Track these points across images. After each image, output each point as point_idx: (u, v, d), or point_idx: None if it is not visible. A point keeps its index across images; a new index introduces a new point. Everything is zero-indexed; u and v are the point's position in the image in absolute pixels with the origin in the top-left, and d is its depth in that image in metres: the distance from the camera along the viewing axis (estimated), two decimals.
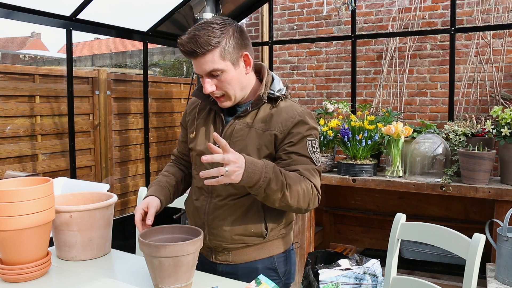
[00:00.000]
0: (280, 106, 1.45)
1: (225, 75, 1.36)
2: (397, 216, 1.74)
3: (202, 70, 1.35)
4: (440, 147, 2.68)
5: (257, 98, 1.43)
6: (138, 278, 1.45)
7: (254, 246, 1.47)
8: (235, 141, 1.41)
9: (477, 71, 3.99)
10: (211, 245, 1.49)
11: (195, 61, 1.36)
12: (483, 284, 2.26)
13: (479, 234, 1.46)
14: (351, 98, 3.63)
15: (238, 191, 1.42)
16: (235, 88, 1.39)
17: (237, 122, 1.44)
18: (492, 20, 3.90)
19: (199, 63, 1.34)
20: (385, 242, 1.81)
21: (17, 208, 1.33)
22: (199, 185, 1.48)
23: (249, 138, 1.41)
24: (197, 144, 1.49)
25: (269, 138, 1.40)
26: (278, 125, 1.41)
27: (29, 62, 9.59)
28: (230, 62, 1.36)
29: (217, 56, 1.33)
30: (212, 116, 1.50)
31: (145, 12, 3.51)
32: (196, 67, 1.36)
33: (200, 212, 1.49)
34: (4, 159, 3.26)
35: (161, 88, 4.68)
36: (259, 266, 1.49)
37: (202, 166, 1.45)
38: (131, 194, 4.37)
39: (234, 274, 1.48)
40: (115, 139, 4.17)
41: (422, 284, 1.59)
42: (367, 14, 4.45)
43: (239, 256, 1.48)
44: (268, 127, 1.41)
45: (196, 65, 1.36)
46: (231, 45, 1.35)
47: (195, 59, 1.35)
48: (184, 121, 1.61)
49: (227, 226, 1.43)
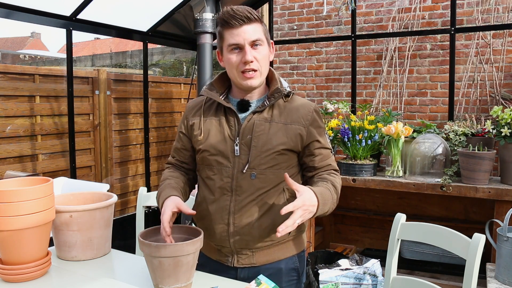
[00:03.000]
0: (294, 101, 1.48)
1: (263, 50, 1.41)
2: (397, 216, 1.74)
3: (249, 37, 1.37)
4: (440, 147, 2.68)
5: (274, 92, 1.45)
6: (138, 278, 1.45)
7: (279, 245, 1.48)
8: (258, 135, 1.41)
9: (477, 71, 3.99)
10: (235, 246, 1.45)
11: (241, 28, 1.37)
12: (483, 284, 2.26)
13: (479, 234, 1.46)
14: (351, 98, 3.63)
15: (265, 184, 1.42)
16: (265, 66, 1.44)
17: (255, 117, 1.44)
18: (492, 20, 3.89)
19: (246, 30, 1.37)
20: (385, 242, 1.81)
21: (17, 208, 1.33)
22: (219, 184, 1.44)
23: (272, 132, 1.42)
24: (210, 144, 1.45)
25: (294, 132, 1.43)
26: (300, 120, 1.44)
27: (29, 62, 9.59)
28: (266, 41, 1.44)
29: (261, 29, 1.41)
30: (222, 114, 1.48)
31: (145, 12, 3.51)
32: (242, 35, 1.37)
33: (223, 212, 1.43)
34: (4, 159, 3.26)
35: (161, 88, 4.68)
36: (282, 267, 1.48)
37: (219, 166, 1.44)
38: (131, 194, 4.37)
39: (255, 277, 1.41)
40: (115, 139, 4.17)
41: (422, 284, 1.59)
42: (367, 14, 4.45)
43: (264, 257, 1.47)
44: (289, 121, 1.44)
45: (241, 33, 1.37)
46: (266, 28, 1.45)
47: (242, 26, 1.37)
48: (185, 129, 1.55)
49: (256, 223, 1.41)
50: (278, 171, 1.42)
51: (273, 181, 1.41)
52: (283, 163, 1.44)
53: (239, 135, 1.43)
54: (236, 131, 1.43)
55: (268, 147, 1.40)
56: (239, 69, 1.40)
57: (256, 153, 1.41)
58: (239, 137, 1.42)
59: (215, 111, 1.49)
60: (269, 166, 1.41)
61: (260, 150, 1.41)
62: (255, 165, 1.41)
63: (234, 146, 1.42)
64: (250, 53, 1.38)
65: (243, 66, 1.39)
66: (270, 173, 1.42)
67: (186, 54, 5.55)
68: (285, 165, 1.44)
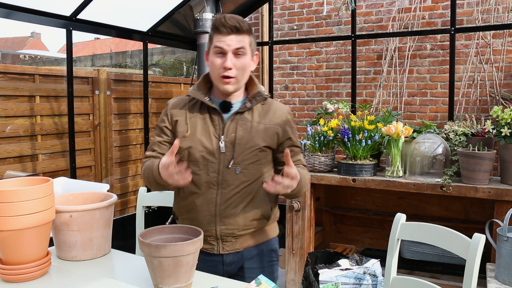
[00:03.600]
0: (269, 103, 1.65)
1: (244, 59, 1.54)
2: (397, 216, 1.74)
3: (233, 45, 1.51)
4: (440, 147, 2.68)
5: (256, 95, 1.62)
6: (138, 278, 1.46)
7: (259, 230, 1.64)
8: (241, 134, 1.56)
9: (477, 71, 3.99)
10: (221, 235, 1.57)
11: (228, 37, 1.50)
12: (483, 284, 2.26)
13: (479, 234, 1.47)
14: (351, 98, 3.63)
15: (248, 178, 1.57)
16: (244, 75, 1.57)
17: (237, 117, 1.58)
18: (492, 20, 3.89)
19: (233, 38, 1.51)
20: (385, 242, 1.81)
21: (17, 208, 1.34)
22: (205, 179, 1.55)
23: (254, 131, 1.57)
24: (197, 141, 1.56)
25: (272, 131, 1.60)
26: (277, 121, 1.61)
27: (29, 62, 9.59)
28: (250, 52, 1.57)
29: (248, 40, 1.55)
30: (206, 113, 1.59)
31: (145, 12, 3.51)
32: (227, 42, 1.50)
33: (210, 204, 1.56)
34: (4, 159, 3.26)
35: (161, 88, 4.68)
36: (264, 248, 1.66)
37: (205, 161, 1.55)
38: (131, 194, 4.37)
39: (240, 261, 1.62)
40: (115, 139, 4.17)
41: (422, 284, 1.59)
42: (367, 14, 4.44)
43: (246, 242, 1.62)
44: (268, 122, 1.60)
45: (227, 40, 1.50)
46: (254, 40, 1.60)
47: (230, 34, 1.50)
48: (169, 124, 1.62)
49: (240, 213, 1.56)
50: (259, 166, 1.59)
51: (255, 175, 1.57)
52: (263, 159, 1.60)
53: (223, 133, 1.56)
54: (221, 130, 1.56)
55: (251, 144, 1.56)
56: (219, 72, 1.53)
57: (240, 150, 1.55)
58: (224, 135, 1.56)
59: (199, 110, 1.60)
60: (251, 162, 1.57)
61: (244, 147, 1.55)
62: (239, 161, 1.55)
63: (219, 144, 1.55)
64: (231, 61, 1.51)
65: (223, 71, 1.52)
66: (252, 167, 1.57)
67: (186, 54, 5.55)
68: (264, 160, 1.61)
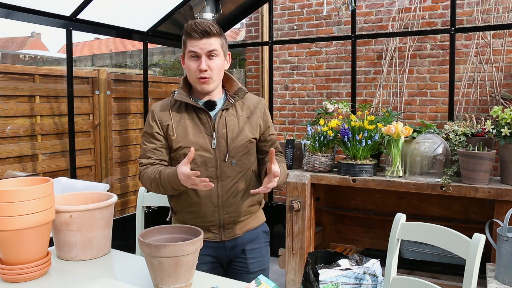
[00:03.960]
0: (247, 97, 1.77)
1: (217, 60, 1.64)
2: (397, 216, 1.74)
3: (205, 48, 1.61)
4: (440, 147, 2.68)
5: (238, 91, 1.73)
6: (138, 278, 1.46)
7: (253, 215, 1.78)
8: (231, 129, 1.67)
9: (477, 71, 3.99)
10: (224, 223, 1.69)
11: (200, 41, 1.60)
12: (483, 284, 2.26)
13: (479, 234, 1.47)
14: (351, 98, 3.63)
15: (242, 168, 1.69)
16: (219, 75, 1.68)
17: (224, 114, 1.68)
18: (492, 20, 3.89)
19: (205, 42, 1.60)
20: (385, 242, 1.81)
21: (17, 208, 1.34)
22: (205, 174, 1.63)
23: (241, 125, 1.70)
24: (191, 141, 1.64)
25: (256, 123, 1.74)
26: (258, 113, 1.75)
27: (29, 62, 9.58)
28: (223, 53, 1.68)
29: (219, 42, 1.65)
30: (193, 113, 1.68)
31: (145, 12, 3.51)
32: (200, 46, 1.60)
33: (212, 197, 1.66)
34: (4, 159, 3.26)
35: (161, 88, 4.68)
36: (259, 231, 1.80)
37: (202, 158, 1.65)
38: (131, 194, 4.37)
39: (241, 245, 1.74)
40: (115, 139, 4.17)
41: (422, 284, 1.59)
42: (367, 14, 4.44)
43: (244, 227, 1.74)
44: (250, 114, 1.73)
45: (200, 44, 1.60)
46: (225, 41, 1.69)
47: (202, 38, 1.60)
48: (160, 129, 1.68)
49: (240, 201, 1.69)
50: (249, 156, 1.72)
51: (247, 165, 1.71)
52: (252, 149, 1.74)
53: (214, 130, 1.66)
54: (211, 127, 1.66)
55: (242, 137, 1.68)
56: (196, 75, 1.64)
57: (233, 143, 1.67)
58: (216, 132, 1.66)
59: (185, 112, 1.68)
60: (244, 153, 1.70)
61: (236, 141, 1.67)
62: (233, 154, 1.67)
63: (212, 140, 1.65)
64: (205, 63, 1.61)
65: (199, 73, 1.63)
66: (245, 158, 1.70)
67: None
68: (252, 150, 1.74)
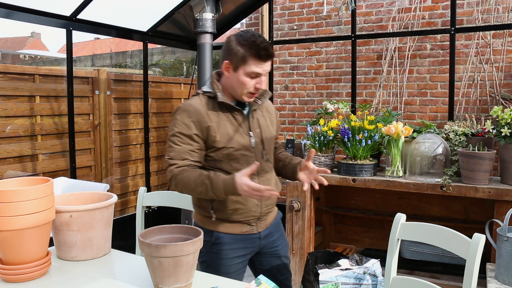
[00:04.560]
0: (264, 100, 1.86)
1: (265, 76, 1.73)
2: (397, 216, 1.74)
3: (267, 70, 1.68)
4: (440, 147, 2.68)
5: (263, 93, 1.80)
6: (138, 278, 1.46)
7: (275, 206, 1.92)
8: (264, 128, 1.80)
9: (477, 71, 3.99)
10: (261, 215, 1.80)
11: (265, 63, 1.66)
12: (483, 284, 2.26)
13: (479, 234, 1.47)
14: (351, 98, 3.63)
15: (272, 163, 1.86)
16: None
17: (254, 114, 1.79)
18: (492, 20, 3.89)
19: (268, 64, 1.67)
20: (385, 242, 1.81)
21: (17, 208, 1.34)
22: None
23: (269, 125, 1.84)
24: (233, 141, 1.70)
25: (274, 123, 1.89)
26: (273, 114, 1.90)
27: (29, 62, 9.58)
28: None
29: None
30: (228, 113, 1.72)
31: (145, 12, 3.51)
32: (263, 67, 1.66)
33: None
34: (4, 159, 3.26)
35: (161, 88, 4.68)
36: (278, 217, 1.94)
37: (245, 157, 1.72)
38: (131, 194, 4.37)
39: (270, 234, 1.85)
40: (115, 139, 4.17)
41: (422, 284, 1.59)
42: (367, 14, 4.44)
43: (271, 217, 1.87)
44: (270, 115, 1.87)
45: (264, 66, 1.66)
46: None
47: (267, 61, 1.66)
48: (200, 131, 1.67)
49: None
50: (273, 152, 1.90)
51: (273, 160, 1.87)
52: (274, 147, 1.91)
53: (250, 129, 1.75)
54: (247, 127, 1.74)
55: (271, 136, 1.83)
56: (249, 90, 1.68)
57: (266, 142, 1.80)
58: (251, 132, 1.75)
59: (221, 112, 1.71)
60: (272, 151, 1.87)
61: (268, 139, 1.81)
62: (267, 151, 1.81)
63: (250, 139, 1.74)
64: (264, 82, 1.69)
65: (253, 90, 1.68)
66: (273, 154, 1.88)
67: (186, 54, 5.55)
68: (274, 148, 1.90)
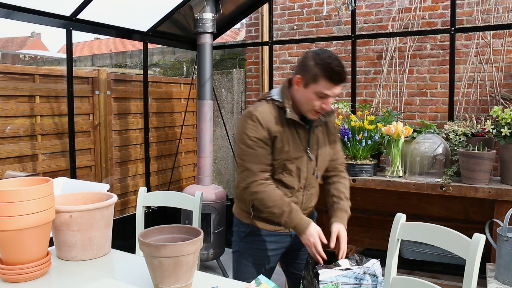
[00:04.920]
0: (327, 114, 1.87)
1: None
2: (397, 216, 1.74)
3: (336, 94, 1.70)
4: (440, 147, 2.68)
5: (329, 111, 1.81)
6: (138, 278, 1.46)
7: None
8: (321, 146, 1.85)
9: (477, 71, 3.99)
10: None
11: (336, 87, 1.67)
12: (483, 284, 2.26)
13: (479, 234, 1.47)
14: (351, 98, 3.63)
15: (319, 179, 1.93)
16: None
17: (315, 131, 1.83)
18: (492, 20, 3.89)
19: (339, 89, 1.69)
20: (385, 242, 1.81)
21: (17, 208, 1.34)
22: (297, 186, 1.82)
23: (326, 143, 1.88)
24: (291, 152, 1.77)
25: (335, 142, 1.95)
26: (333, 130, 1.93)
27: (29, 62, 9.58)
28: None
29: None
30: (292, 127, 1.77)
31: (145, 12, 3.51)
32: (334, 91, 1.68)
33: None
34: (4, 159, 3.26)
35: (161, 88, 4.68)
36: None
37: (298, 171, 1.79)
38: (131, 194, 4.37)
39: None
40: (115, 139, 4.17)
41: (422, 284, 1.59)
42: (367, 14, 4.44)
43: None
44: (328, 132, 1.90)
45: (335, 90, 1.68)
46: None
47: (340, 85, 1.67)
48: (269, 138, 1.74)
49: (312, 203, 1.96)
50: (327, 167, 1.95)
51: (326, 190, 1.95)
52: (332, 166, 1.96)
53: (309, 145, 1.81)
54: (306, 143, 1.80)
55: (326, 154, 1.88)
56: (315, 109, 1.71)
57: (321, 159, 1.86)
58: (310, 148, 1.81)
59: (287, 125, 1.76)
60: (324, 167, 1.92)
61: (322, 157, 1.87)
62: (319, 168, 1.87)
63: (308, 155, 1.80)
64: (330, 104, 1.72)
65: (319, 109, 1.71)
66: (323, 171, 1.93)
67: (186, 54, 5.55)
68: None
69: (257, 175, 1.74)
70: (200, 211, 2.10)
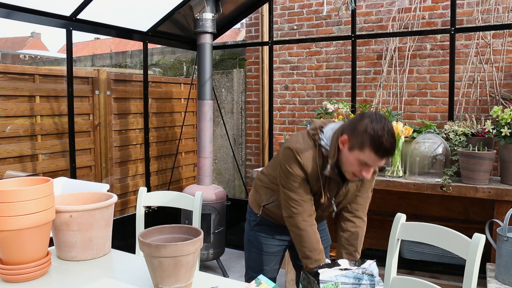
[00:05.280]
0: None
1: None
2: (397, 216, 1.74)
3: (378, 165, 1.66)
4: (440, 147, 2.68)
5: None
6: (138, 278, 1.46)
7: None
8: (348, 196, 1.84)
9: (477, 71, 3.99)
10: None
11: (380, 161, 1.62)
12: (483, 284, 2.26)
13: (479, 234, 1.47)
14: (351, 98, 3.63)
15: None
16: None
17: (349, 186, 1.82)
18: (492, 20, 3.89)
19: (382, 161, 1.63)
20: (385, 242, 1.81)
21: (17, 208, 1.34)
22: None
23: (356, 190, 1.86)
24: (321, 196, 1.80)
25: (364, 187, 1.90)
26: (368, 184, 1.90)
27: (29, 62, 9.58)
28: None
29: None
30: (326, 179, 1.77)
31: (145, 12, 3.52)
32: (377, 163, 1.63)
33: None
34: (4, 159, 3.26)
35: (161, 88, 4.68)
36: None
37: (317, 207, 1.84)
38: (131, 194, 4.37)
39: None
40: (115, 139, 4.17)
41: (422, 284, 1.59)
42: (367, 14, 4.44)
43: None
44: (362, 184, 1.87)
45: (378, 162, 1.63)
46: None
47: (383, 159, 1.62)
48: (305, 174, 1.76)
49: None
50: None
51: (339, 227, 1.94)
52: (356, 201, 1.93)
53: (335, 197, 1.83)
54: (334, 194, 1.82)
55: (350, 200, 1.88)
56: (353, 171, 1.68)
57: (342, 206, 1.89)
58: (334, 199, 1.83)
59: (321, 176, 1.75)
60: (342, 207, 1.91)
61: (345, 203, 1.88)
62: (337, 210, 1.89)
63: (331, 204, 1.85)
64: (371, 173, 1.67)
65: (358, 174, 1.68)
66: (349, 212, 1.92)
67: (186, 54, 5.55)
68: None
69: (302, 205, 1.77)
70: (200, 211, 2.10)
